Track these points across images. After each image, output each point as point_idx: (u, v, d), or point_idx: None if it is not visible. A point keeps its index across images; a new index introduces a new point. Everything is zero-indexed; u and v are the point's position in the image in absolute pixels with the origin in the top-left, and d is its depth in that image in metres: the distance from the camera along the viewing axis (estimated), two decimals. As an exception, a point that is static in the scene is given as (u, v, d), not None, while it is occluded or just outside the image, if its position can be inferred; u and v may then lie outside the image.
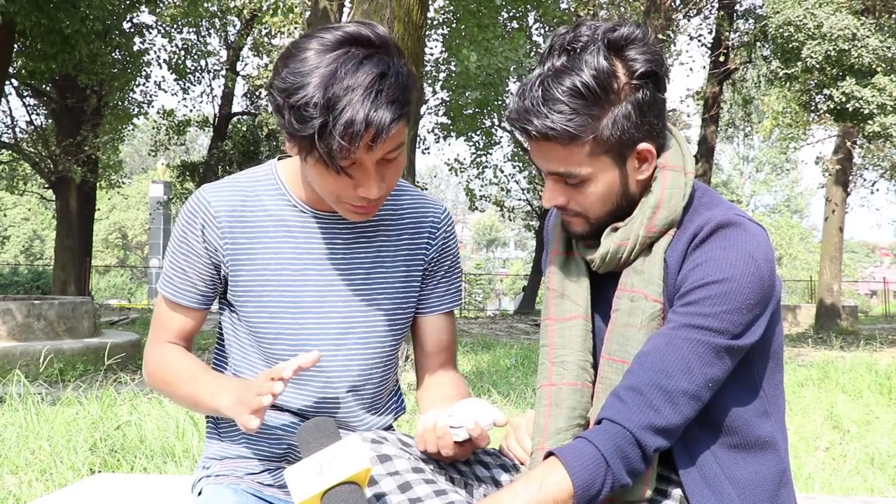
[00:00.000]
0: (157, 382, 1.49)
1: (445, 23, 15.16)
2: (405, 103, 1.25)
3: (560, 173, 1.27)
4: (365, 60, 1.23)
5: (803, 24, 11.94)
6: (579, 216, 1.31)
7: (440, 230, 1.53)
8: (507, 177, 23.75)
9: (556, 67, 1.23)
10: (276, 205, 1.44)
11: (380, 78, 1.22)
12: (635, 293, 1.29)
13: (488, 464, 1.42)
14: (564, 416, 1.31)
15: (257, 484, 1.47)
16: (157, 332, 1.51)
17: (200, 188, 1.46)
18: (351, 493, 1.07)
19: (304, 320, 1.43)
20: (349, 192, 1.31)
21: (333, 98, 1.20)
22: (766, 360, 1.31)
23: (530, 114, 1.22)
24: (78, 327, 8.10)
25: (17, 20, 10.42)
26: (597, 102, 1.22)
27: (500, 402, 5.73)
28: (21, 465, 3.27)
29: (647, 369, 1.20)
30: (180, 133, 21.08)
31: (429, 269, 1.53)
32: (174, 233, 1.46)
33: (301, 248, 1.43)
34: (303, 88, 1.21)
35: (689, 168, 1.32)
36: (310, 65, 1.23)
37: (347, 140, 1.20)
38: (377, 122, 1.20)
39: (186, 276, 1.45)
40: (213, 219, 1.41)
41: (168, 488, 2.15)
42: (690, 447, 1.27)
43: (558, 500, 1.14)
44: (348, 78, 1.20)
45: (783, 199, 52.64)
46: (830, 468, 4.12)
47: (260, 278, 1.42)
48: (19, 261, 41.57)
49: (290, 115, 1.23)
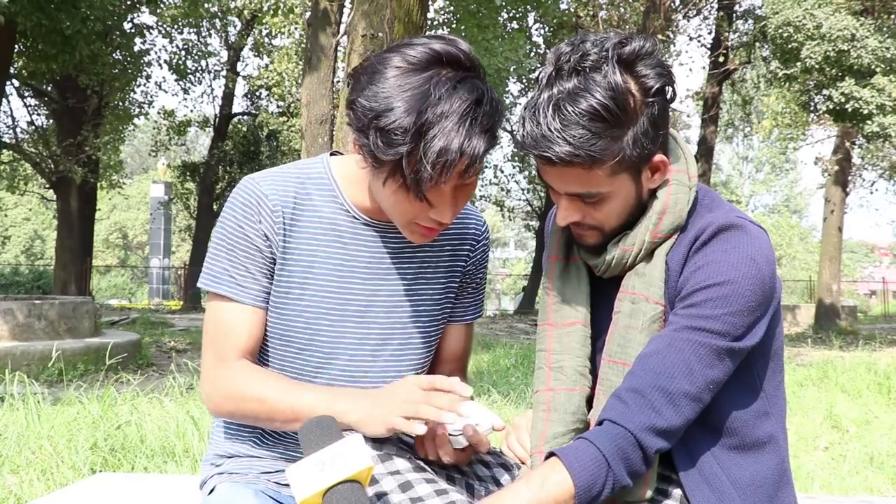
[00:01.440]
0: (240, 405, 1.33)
1: (445, 23, 15.15)
2: (496, 132, 1.22)
3: (579, 194, 1.25)
4: (459, 85, 1.18)
5: (803, 25, 11.94)
6: (594, 230, 1.30)
7: (480, 242, 1.51)
8: (507, 177, 23.77)
9: (568, 89, 1.19)
10: (328, 206, 1.38)
11: (475, 105, 1.18)
12: (637, 295, 1.29)
13: (489, 463, 1.42)
14: (562, 420, 1.31)
15: (274, 484, 1.43)
16: (221, 346, 1.35)
17: (250, 178, 1.37)
18: (353, 491, 1.07)
19: (343, 329, 1.38)
20: (422, 216, 1.28)
21: (426, 124, 1.15)
22: (766, 361, 1.31)
23: (549, 140, 1.18)
24: (79, 327, 8.11)
25: (17, 20, 10.42)
26: (616, 123, 1.19)
27: (500, 402, 5.73)
28: (22, 465, 3.28)
29: (648, 371, 1.21)
30: (181, 133, 21.09)
31: (464, 280, 1.51)
32: (226, 226, 1.34)
33: (350, 255, 1.38)
34: (392, 111, 1.17)
35: (692, 172, 1.32)
36: (399, 84, 1.18)
37: (439, 169, 1.16)
38: (471, 152, 1.17)
39: (249, 273, 1.34)
40: (271, 211, 1.33)
41: (169, 488, 2.15)
42: (691, 448, 1.27)
43: (559, 500, 1.14)
44: (443, 103, 1.16)
45: (782, 199, 52.62)
46: (830, 468, 4.13)
47: (302, 281, 1.36)
48: (20, 261, 41.57)
49: (376, 136, 1.18)
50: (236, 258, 1.34)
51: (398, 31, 6.19)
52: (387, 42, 6.15)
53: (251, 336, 1.35)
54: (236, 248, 1.34)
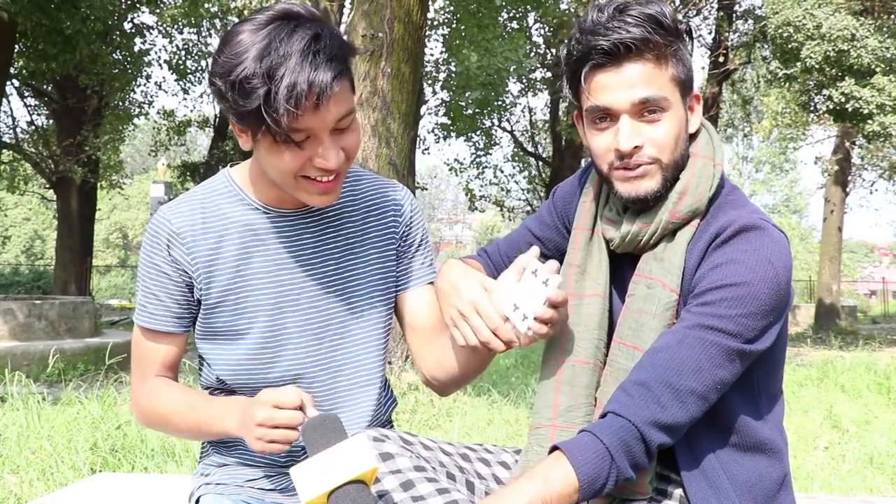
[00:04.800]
0: (152, 421, 1.46)
1: (445, 23, 15.15)
2: (343, 60, 1.26)
3: (648, 99, 1.25)
4: (297, 28, 1.25)
5: (803, 25, 11.94)
6: (653, 163, 1.28)
7: (404, 207, 1.53)
8: (507, 177, 23.73)
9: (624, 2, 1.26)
10: (237, 210, 1.43)
11: (314, 40, 1.23)
12: (653, 280, 1.28)
13: (489, 461, 1.42)
14: (576, 393, 1.31)
15: (259, 490, 1.46)
16: (141, 367, 1.47)
17: (158, 210, 1.45)
18: (358, 491, 1.07)
19: (283, 320, 1.42)
20: (308, 167, 1.30)
21: (272, 67, 1.21)
22: (767, 364, 1.31)
23: (622, 25, 1.24)
24: (79, 327, 8.10)
25: (18, 20, 10.41)
26: (671, 33, 1.26)
27: (499, 402, 5.73)
28: (22, 465, 3.28)
29: (656, 366, 1.20)
30: (181, 133, 21.07)
31: (401, 247, 1.53)
32: (141, 260, 1.43)
33: (270, 249, 1.42)
34: (241, 65, 1.22)
35: (718, 159, 1.32)
36: (245, 44, 1.24)
37: (293, 104, 1.20)
38: (319, 81, 1.21)
39: (160, 301, 1.42)
40: (178, 236, 1.40)
41: (168, 488, 2.15)
42: (692, 447, 1.27)
43: (563, 494, 1.14)
44: (283, 46, 1.22)
45: (782, 199, 52.59)
46: (830, 468, 4.13)
47: (233, 286, 1.41)
48: (20, 261, 41.55)
49: (232, 94, 1.24)
50: (148, 288, 1.43)
51: (398, 31, 6.18)
52: (387, 42, 6.15)
53: (166, 358, 1.46)
54: (147, 278, 1.42)
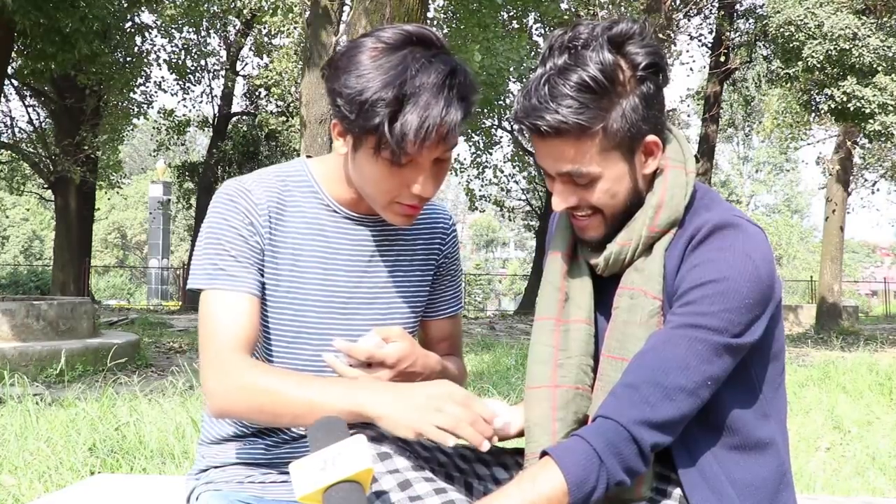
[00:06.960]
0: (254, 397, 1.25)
1: (446, 22, 15.14)
2: (472, 102, 1.28)
3: (570, 173, 1.26)
4: (433, 59, 1.26)
5: (804, 24, 11.94)
6: (594, 216, 1.30)
7: (449, 235, 1.57)
8: (507, 177, 23.75)
9: (559, 66, 1.23)
10: (310, 203, 1.43)
11: (450, 76, 1.25)
12: (635, 290, 1.29)
13: (488, 462, 1.41)
14: (568, 419, 1.30)
15: (259, 484, 1.45)
16: (223, 339, 1.29)
17: (233, 179, 1.40)
18: (352, 491, 1.07)
19: (330, 320, 1.42)
20: (405, 192, 1.32)
21: (406, 95, 1.22)
22: (765, 362, 1.31)
23: (539, 110, 1.22)
24: (77, 328, 8.09)
25: (16, 19, 10.40)
26: (605, 95, 1.22)
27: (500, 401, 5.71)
28: (20, 466, 3.26)
29: (644, 367, 1.20)
30: (180, 133, 21.09)
31: (438, 273, 1.56)
32: (211, 222, 1.35)
33: (332, 249, 1.43)
34: (372, 87, 1.23)
35: (689, 167, 1.32)
36: (376, 64, 1.25)
37: (422, 136, 1.22)
38: (450, 119, 1.23)
39: (239, 263, 1.34)
40: (256, 207, 1.37)
41: (167, 489, 2.14)
42: (690, 447, 1.27)
43: (552, 498, 1.13)
44: (420, 76, 1.23)
45: (783, 199, 52.63)
46: (831, 469, 4.12)
47: (289, 275, 1.40)
48: (19, 261, 41.60)
49: (358, 113, 1.24)
50: (224, 250, 1.34)
51: (398, 30, 6.17)
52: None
53: (252, 325, 1.32)
54: (223, 240, 1.34)
